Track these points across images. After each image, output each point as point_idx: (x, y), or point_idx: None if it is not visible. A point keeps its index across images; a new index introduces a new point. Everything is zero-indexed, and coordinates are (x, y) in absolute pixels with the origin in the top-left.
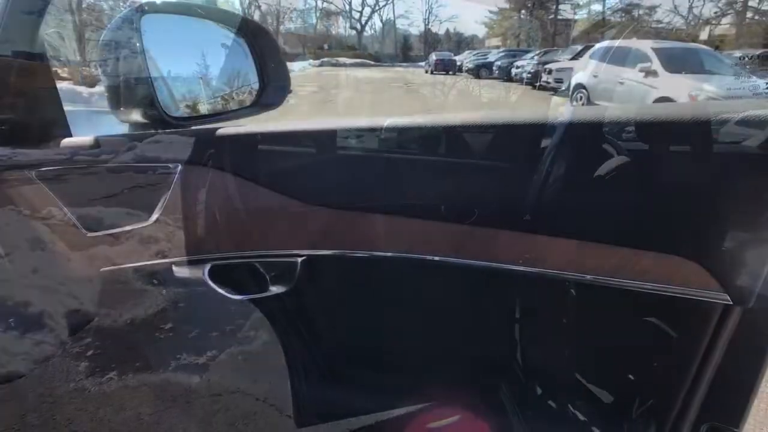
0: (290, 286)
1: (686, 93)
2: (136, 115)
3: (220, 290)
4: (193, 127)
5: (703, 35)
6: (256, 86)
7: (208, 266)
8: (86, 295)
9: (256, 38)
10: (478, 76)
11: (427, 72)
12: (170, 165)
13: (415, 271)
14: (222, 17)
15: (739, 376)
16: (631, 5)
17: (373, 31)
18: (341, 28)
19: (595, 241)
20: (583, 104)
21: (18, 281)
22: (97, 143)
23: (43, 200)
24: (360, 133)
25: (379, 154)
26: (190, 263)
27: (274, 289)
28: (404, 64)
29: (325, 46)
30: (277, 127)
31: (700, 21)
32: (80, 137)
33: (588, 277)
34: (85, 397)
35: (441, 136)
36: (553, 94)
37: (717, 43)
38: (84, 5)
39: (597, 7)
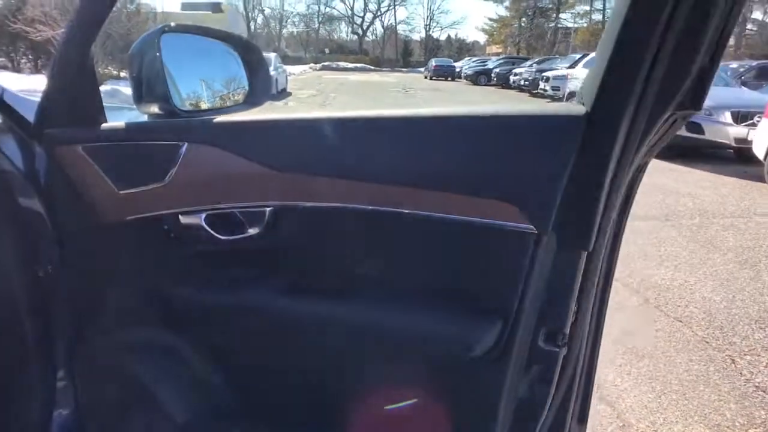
0: (261, 228)
1: None
2: (154, 108)
3: (212, 232)
4: (202, 116)
5: None
6: (245, 89)
7: (203, 215)
8: (117, 234)
9: (247, 53)
10: (476, 83)
11: (426, 78)
12: (179, 143)
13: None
14: (222, 36)
15: (556, 286)
16: None
17: (374, 37)
18: (343, 32)
19: (451, 192)
20: None
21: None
22: (127, 127)
23: (87, 168)
24: (319, 122)
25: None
26: (191, 213)
27: (251, 231)
28: (404, 69)
29: (326, 50)
30: (257, 117)
31: None
32: (115, 122)
33: (444, 215)
34: None
35: (371, 126)
36: (549, 101)
37: None
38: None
39: (597, 17)
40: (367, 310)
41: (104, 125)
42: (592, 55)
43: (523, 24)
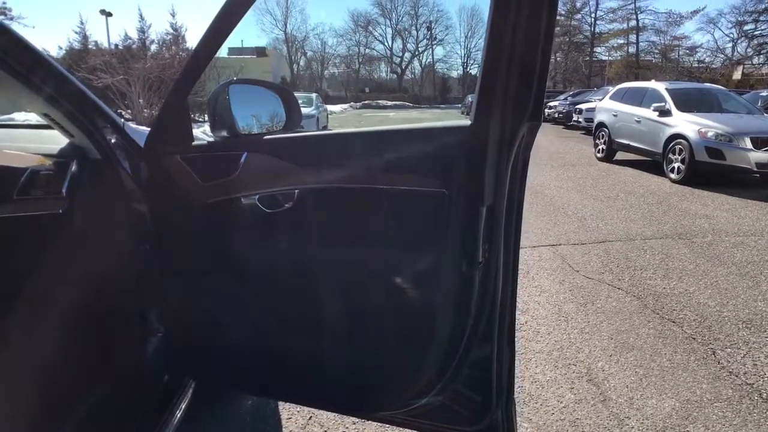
0: (293, 203)
1: (696, 129)
2: (224, 132)
3: (263, 208)
4: (255, 137)
5: (737, 75)
6: (284, 120)
7: (257, 196)
8: (201, 212)
9: (284, 95)
10: None
11: (463, 113)
12: (242, 153)
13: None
14: (268, 85)
15: (468, 229)
16: (667, 47)
17: (412, 75)
18: (382, 72)
19: (404, 173)
20: (604, 141)
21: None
22: (208, 144)
23: (183, 170)
24: (326, 136)
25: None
26: (250, 196)
27: (286, 206)
28: (442, 105)
29: (366, 89)
30: (289, 135)
31: (733, 62)
32: (200, 141)
33: (397, 187)
34: None
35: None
36: (584, 133)
37: (752, 83)
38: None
39: (631, 50)
40: (355, 253)
41: (194, 143)
42: (617, 87)
43: (558, 59)
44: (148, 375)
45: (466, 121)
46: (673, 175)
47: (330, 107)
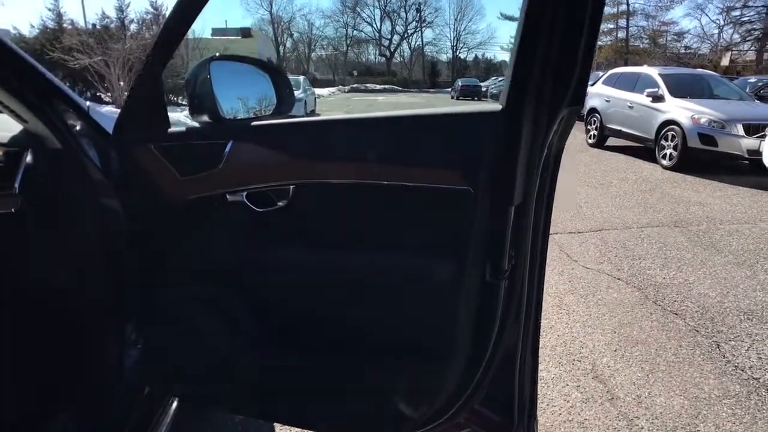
0: (287, 201)
1: (689, 116)
2: (205, 117)
3: (251, 206)
4: (241, 122)
5: (725, 61)
6: (273, 103)
7: (245, 193)
8: (180, 210)
9: (274, 75)
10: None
11: (452, 97)
12: (226, 142)
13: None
14: (255, 62)
15: (494, 232)
16: (656, 32)
17: (401, 58)
18: (371, 54)
19: (418, 167)
20: (596, 127)
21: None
22: (187, 131)
23: (157, 162)
24: (325, 122)
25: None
26: (236, 192)
27: (279, 204)
28: (431, 90)
29: (354, 72)
30: (281, 120)
31: (721, 48)
32: (178, 127)
33: (411, 184)
34: None
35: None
36: None
37: (738, 69)
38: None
39: (621, 35)
40: (362, 257)
41: (170, 129)
42: (609, 72)
43: None
44: (125, 391)
45: (496, 106)
46: (665, 162)
47: (317, 90)
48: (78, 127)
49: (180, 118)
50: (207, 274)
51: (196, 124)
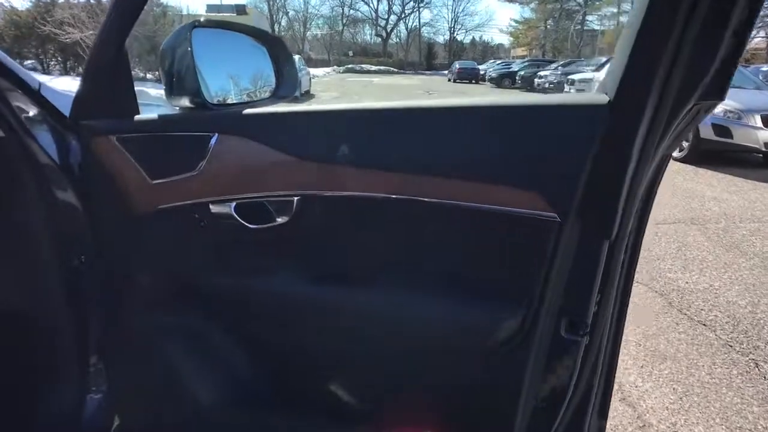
0: (290, 217)
1: None
2: (185, 102)
3: (241, 221)
4: (231, 109)
5: None
6: (272, 84)
7: (233, 204)
8: (149, 223)
9: (274, 48)
10: (500, 86)
11: (449, 80)
12: (210, 134)
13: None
14: (251, 31)
15: (578, 275)
16: None
17: (398, 39)
18: (367, 35)
19: (476, 181)
20: None
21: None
22: (160, 119)
23: (121, 158)
24: (346, 113)
25: (348, 127)
26: (222, 202)
27: (279, 220)
28: (427, 72)
29: (350, 53)
30: (285, 108)
31: None
32: (148, 114)
33: (468, 204)
34: None
35: (402, 116)
36: None
37: (747, 57)
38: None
39: (624, 19)
40: (389, 298)
41: (137, 117)
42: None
43: (548, 26)
44: None
45: (600, 97)
46: (675, 153)
47: (312, 70)
48: (26, 109)
49: (150, 92)
50: (183, 302)
51: (174, 110)
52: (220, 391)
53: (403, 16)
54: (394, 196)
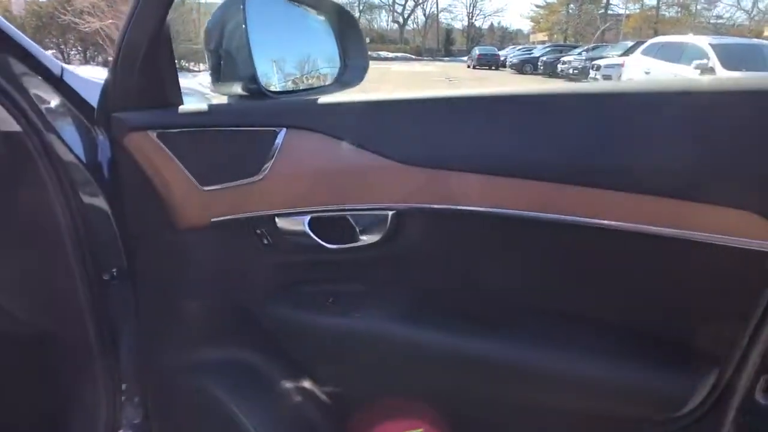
0: (381, 236)
1: None
2: (237, 89)
3: (317, 239)
4: (294, 97)
5: (767, 32)
6: (339, 65)
7: (307, 218)
8: (198, 238)
9: (341, 22)
10: (521, 72)
11: (469, 67)
12: (276, 129)
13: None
14: (313, 3)
15: None
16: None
17: (415, 25)
18: (383, 21)
19: (667, 197)
20: None
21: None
22: (211, 110)
23: (162, 159)
24: (442, 102)
25: (462, 120)
26: (292, 215)
27: (365, 239)
28: (446, 58)
29: (367, 40)
30: (371, 96)
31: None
32: (195, 104)
33: (649, 227)
34: None
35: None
36: None
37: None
38: None
39: (650, 2)
40: (523, 350)
41: (182, 107)
42: (650, 42)
43: (571, 10)
44: None
45: None
46: None
47: None
48: (47, 100)
49: (189, 85)
50: (239, 335)
51: (224, 99)
52: None
53: (420, 1)
54: (532, 214)
